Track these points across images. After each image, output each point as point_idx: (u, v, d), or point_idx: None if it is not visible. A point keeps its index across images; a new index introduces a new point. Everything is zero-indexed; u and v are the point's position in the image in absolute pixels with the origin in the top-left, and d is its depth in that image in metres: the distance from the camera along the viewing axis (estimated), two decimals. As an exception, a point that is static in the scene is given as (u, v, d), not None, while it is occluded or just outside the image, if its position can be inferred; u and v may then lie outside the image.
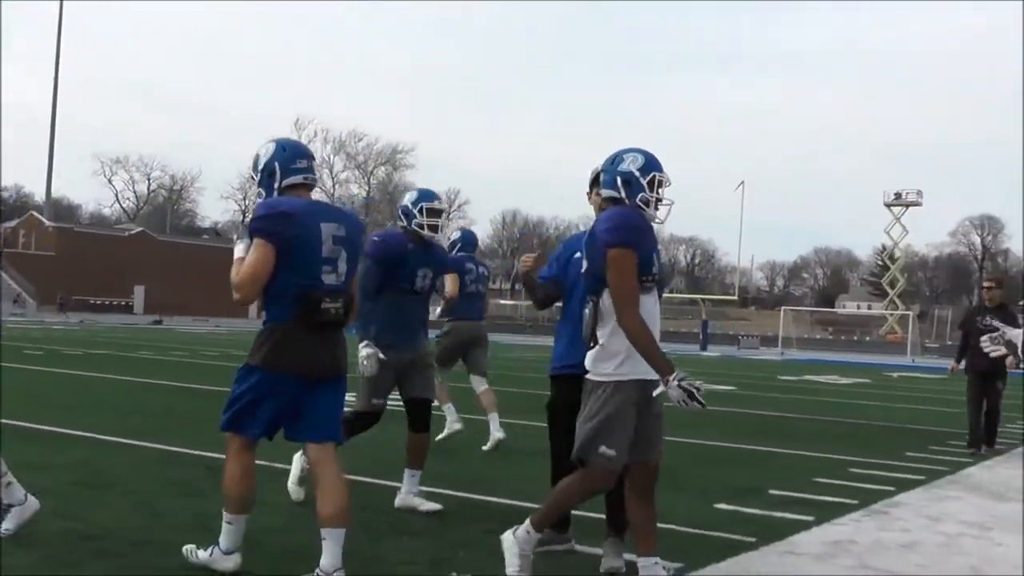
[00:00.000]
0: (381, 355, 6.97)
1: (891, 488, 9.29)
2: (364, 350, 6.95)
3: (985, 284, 13.98)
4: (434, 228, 7.18)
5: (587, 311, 5.23)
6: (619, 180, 5.23)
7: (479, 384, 11.22)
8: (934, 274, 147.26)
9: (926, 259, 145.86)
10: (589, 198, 6.04)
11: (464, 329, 10.95)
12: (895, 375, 37.69)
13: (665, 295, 6.26)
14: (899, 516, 8.03)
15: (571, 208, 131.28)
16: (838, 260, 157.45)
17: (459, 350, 11.07)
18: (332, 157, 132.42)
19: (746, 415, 16.74)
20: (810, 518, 7.58)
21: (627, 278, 5.03)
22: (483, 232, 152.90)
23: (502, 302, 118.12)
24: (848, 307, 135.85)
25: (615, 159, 5.31)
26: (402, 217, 7.25)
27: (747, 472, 10.16)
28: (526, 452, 10.24)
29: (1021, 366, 13.68)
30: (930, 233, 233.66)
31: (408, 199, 7.27)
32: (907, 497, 8.98)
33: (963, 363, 13.43)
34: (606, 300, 5.13)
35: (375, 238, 7.22)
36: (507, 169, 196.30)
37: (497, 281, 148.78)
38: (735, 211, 60.47)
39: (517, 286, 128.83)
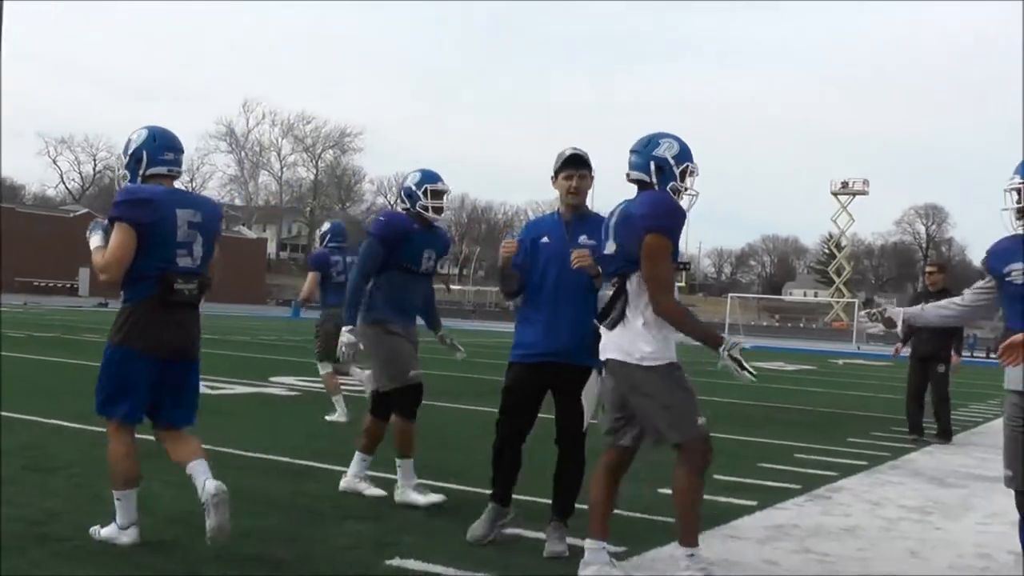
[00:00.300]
0: (361, 346, 6.93)
1: (834, 473, 9.40)
2: (346, 335, 6.91)
3: (927, 269, 14.06)
4: (438, 210, 7.08)
5: (606, 292, 5.19)
6: (653, 164, 5.19)
7: (324, 367, 11.93)
8: (880, 262, 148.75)
9: (872, 247, 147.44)
10: (554, 182, 5.97)
11: (335, 316, 11.20)
12: (840, 362, 38.09)
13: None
14: (841, 501, 8.13)
15: (519, 193, 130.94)
16: (785, 248, 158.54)
17: (335, 337, 11.32)
18: (280, 140, 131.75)
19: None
20: (753, 503, 7.65)
21: (667, 264, 5.03)
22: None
23: (453, 287, 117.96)
24: (795, 294, 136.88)
25: (650, 142, 5.25)
26: (404, 199, 7.13)
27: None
28: (474, 436, 10.25)
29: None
30: (876, 222, 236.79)
31: (411, 180, 7.13)
32: (849, 482, 9.09)
33: (908, 349, 13.55)
34: (634, 283, 5.10)
35: (380, 217, 7.13)
36: (455, 153, 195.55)
37: (446, 267, 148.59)
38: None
39: (465, 271, 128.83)
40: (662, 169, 5.18)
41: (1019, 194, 5.05)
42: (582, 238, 5.81)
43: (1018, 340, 4.62)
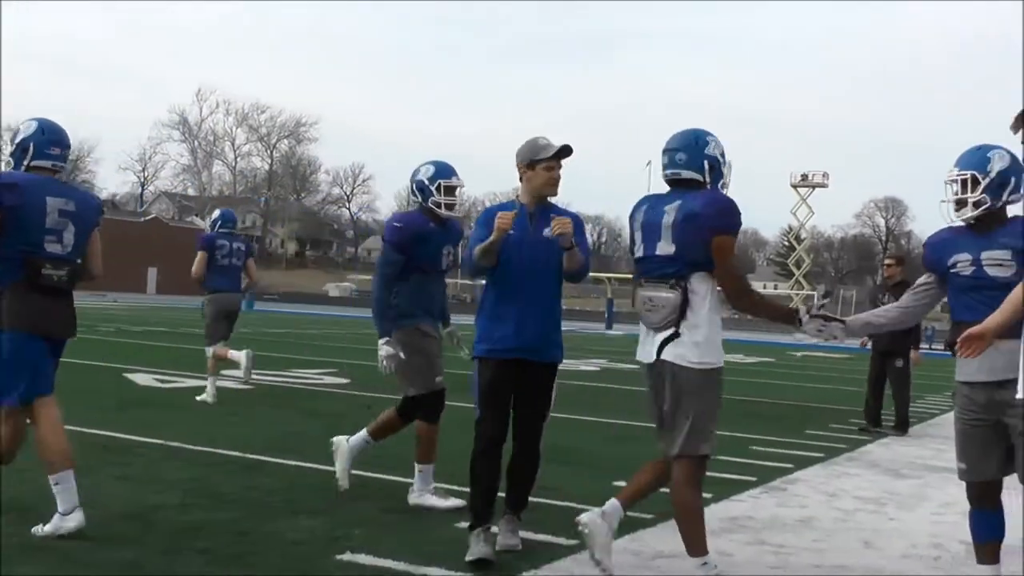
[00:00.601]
0: (402, 355, 6.73)
1: (790, 465, 9.49)
2: (384, 348, 6.68)
3: (886, 262, 14.19)
4: (451, 206, 6.85)
5: (670, 295, 5.11)
6: (707, 164, 5.22)
7: (220, 347, 12.40)
8: (839, 255, 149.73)
9: (832, 240, 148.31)
10: (528, 171, 5.79)
11: (222, 300, 12.39)
12: (799, 355, 38.29)
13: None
14: (797, 492, 8.21)
15: (476, 184, 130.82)
16: (744, 240, 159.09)
17: (223, 319, 12.43)
18: (234, 130, 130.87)
19: (650, 394, 16.90)
20: (708, 495, 7.63)
21: (738, 263, 5.17)
22: (387, 207, 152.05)
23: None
24: (754, 286, 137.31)
25: (697, 140, 5.25)
26: (416, 193, 6.92)
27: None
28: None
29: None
30: (836, 214, 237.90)
31: (424, 174, 6.90)
32: (805, 474, 9.18)
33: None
34: (695, 284, 5.11)
35: (395, 223, 6.83)
36: (412, 143, 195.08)
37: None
38: (642, 190, 60.46)
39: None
40: (713, 168, 5.25)
41: (959, 185, 5.12)
42: (546, 231, 5.72)
43: (976, 332, 4.68)
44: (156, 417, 10.56)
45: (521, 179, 5.89)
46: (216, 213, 13.14)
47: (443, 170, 6.90)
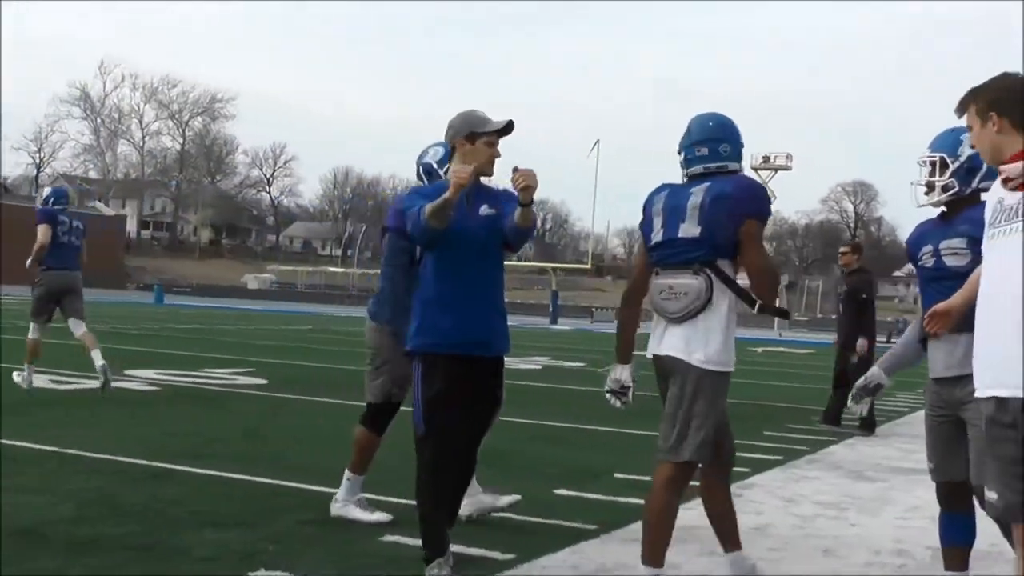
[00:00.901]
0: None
1: (746, 469, 9.53)
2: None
3: (841, 250, 14.42)
4: None
5: (693, 281, 5.16)
6: (742, 152, 5.42)
7: (77, 328, 12.77)
8: (804, 243, 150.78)
9: (796, 227, 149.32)
10: (467, 145, 5.60)
11: (56, 279, 12.71)
12: (759, 350, 38.63)
13: (513, 263, 6.16)
14: (753, 498, 8.27)
15: (409, 166, 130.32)
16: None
17: (53, 299, 12.70)
18: (142, 106, 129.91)
19: (596, 393, 16.66)
20: (657, 502, 7.73)
21: (764, 249, 5.29)
22: (312, 192, 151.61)
23: (331, 270, 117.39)
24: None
25: (734, 128, 5.43)
26: (424, 177, 6.86)
27: (593, 454, 10.36)
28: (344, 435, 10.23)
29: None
30: (800, 199, 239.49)
31: (432, 156, 6.85)
32: (762, 478, 9.26)
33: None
34: (719, 272, 5.17)
35: (399, 207, 6.43)
36: (339, 121, 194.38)
37: (328, 247, 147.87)
38: (589, 173, 60.33)
39: (349, 252, 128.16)
40: (740, 156, 5.44)
41: (932, 167, 5.18)
42: (483, 207, 5.58)
43: (942, 308, 4.74)
44: (52, 421, 10.45)
45: (452, 154, 5.73)
46: (48, 190, 13.58)
47: None
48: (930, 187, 5.17)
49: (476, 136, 5.64)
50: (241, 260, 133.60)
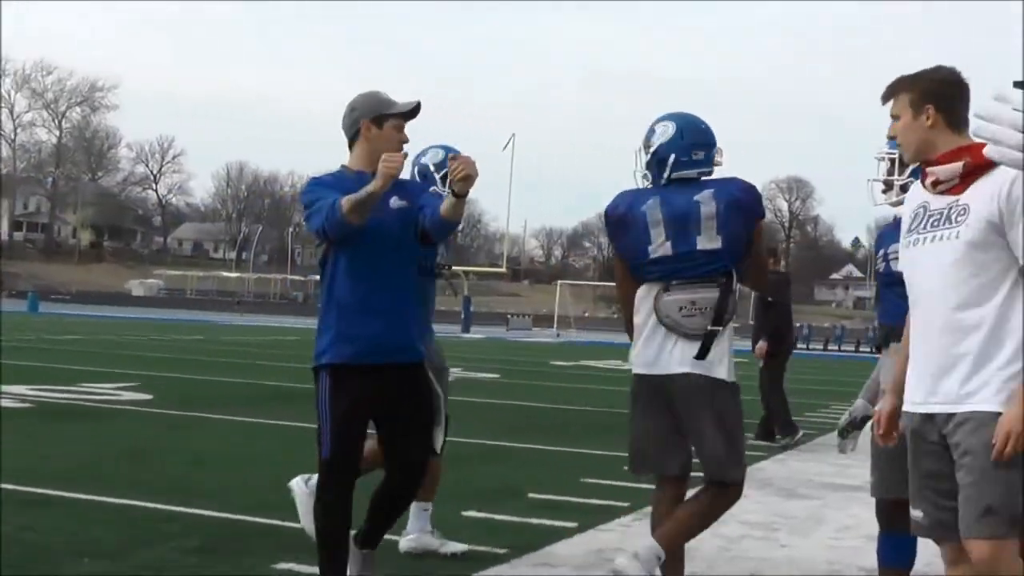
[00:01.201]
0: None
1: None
2: None
3: None
4: None
5: (717, 295, 5.24)
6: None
7: None
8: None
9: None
10: (373, 129, 5.43)
11: None
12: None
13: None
14: (675, 519, 8.31)
15: (309, 161, 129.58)
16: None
17: None
18: (13, 95, 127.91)
19: (509, 407, 16.82)
20: (573, 524, 7.78)
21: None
22: (204, 189, 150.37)
23: (225, 274, 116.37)
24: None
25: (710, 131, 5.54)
26: (418, 179, 6.75)
27: (505, 473, 10.37)
28: (249, 455, 10.18)
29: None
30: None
31: (430, 158, 6.83)
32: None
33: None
34: (735, 282, 5.28)
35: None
36: (233, 114, 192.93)
37: (220, 250, 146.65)
38: (504, 169, 60.01)
39: (244, 255, 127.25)
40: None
41: (891, 164, 5.26)
42: (393, 199, 5.36)
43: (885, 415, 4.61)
44: None
45: (355, 140, 5.52)
46: None
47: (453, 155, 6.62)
48: (888, 185, 5.25)
49: (383, 119, 5.47)
50: (125, 264, 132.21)
